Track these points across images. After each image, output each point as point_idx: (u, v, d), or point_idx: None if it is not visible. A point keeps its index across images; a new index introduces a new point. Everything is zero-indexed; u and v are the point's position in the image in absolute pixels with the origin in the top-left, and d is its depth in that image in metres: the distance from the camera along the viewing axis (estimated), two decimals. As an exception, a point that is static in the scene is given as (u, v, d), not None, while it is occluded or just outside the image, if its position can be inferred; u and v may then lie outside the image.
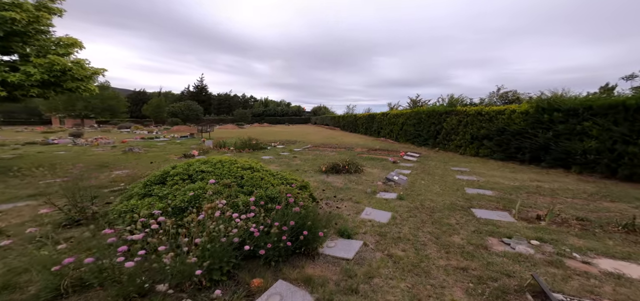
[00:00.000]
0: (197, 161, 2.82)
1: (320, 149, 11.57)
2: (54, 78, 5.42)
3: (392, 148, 12.65)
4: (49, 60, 5.29)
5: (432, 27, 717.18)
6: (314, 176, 5.92)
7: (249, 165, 2.87)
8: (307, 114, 69.32)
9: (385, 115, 18.57)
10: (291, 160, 8.23)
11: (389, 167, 7.62)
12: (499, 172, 7.11)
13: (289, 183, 2.87)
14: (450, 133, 11.40)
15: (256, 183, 2.61)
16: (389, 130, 17.46)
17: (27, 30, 5.02)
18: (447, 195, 4.82)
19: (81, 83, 5.68)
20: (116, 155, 8.34)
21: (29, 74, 5.09)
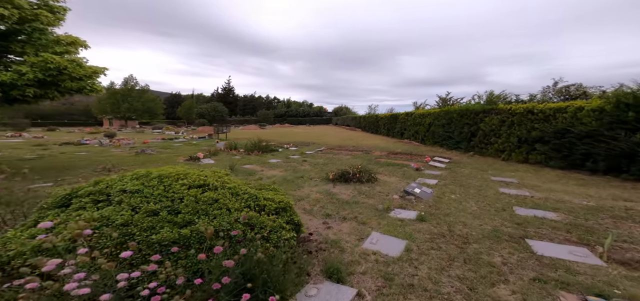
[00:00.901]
0: (130, 175, 2.18)
1: (334, 152, 10.74)
2: (50, 78, 5.38)
3: (416, 151, 11.30)
4: (43, 59, 5.24)
5: (461, 25, 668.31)
6: (318, 185, 5.15)
7: (203, 181, 2.15)
8: (329, 115, 68.77)
9: (409, 115, 17.02)
10: (299, 165, 7.56)
11: (411, 175, 6.51)
12: (560, 185, 5.57)
13: (260, 206, 2.12)
14: (489, 135, 9.73)
15: (202, 208, 1.87)
16: (414, 131, 15.91)
17: (23, 28, 5.05)
18: (487, 217, 3.68)
19: (81, 83, 5.67)
20: (128, 156, 8.54)
21: (21, 73, 5.06)
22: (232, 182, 2.32)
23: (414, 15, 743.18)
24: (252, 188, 2.35)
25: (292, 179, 5.55)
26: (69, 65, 5.55)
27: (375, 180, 5.61)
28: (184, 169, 2.34)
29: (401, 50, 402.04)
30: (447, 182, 5.86)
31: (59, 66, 5.39)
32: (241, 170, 6.43)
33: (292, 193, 4.38)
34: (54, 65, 5.33)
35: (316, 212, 3.60)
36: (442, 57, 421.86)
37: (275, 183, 5.03)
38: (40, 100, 5.79)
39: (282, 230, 1.96)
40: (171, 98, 69.38)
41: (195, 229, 1.68)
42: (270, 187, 2.73)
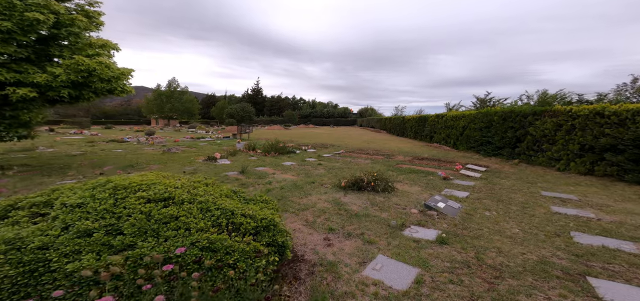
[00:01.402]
0: (79, 185, 1.97)
1: (353, 155, 10.25)
2: (82, 80, 5.79)
3: (446, 157, 10.22)
4: (75, 61, 5.60)
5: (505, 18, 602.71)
6: (328, 193, 4.81)
7: (169, 193, 1.83)
8: (354, 116, 67.73)
9: (440, 118, 15.64)
10: (313, 169, 7.30)
11: (436, 185, 5.78)
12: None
13: (235, 224, 1.78)
14: (540, 141, 8.33)
15: (153, 228, 1.56)
16: (445, 135, 14.56)
17: (60, 33, 5.61)
18: (532, 243, 2.98)
19: (110, 84, 6.13)
20: (156, 154, 9.18)
21: (55, 74, 5.50)
22: (207, 195, 2.00)
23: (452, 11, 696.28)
24: (233, 202, 2.08)
25: (302, 185, 5.29)
26: (97, 67, 5.86)
27: (393, 189, 5.06)
28: (157, 178, 2.12)
29: (435, 49, 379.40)
30: (481, 195, 5.05)
31: (88, 68, 5.72)
32: (253, 172, 6.39)
33: (297, 202, 4.12)
34: (84, 67, 5.66)
35: (319, 225, 3.27)
36: (481, 55, 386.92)
37: (283, 189, 4.85)
38: (77, 102, 6.45)
39: (256, 256, 1.65)
40: (207, 99, 75.08)
41: (133, 255, 1.38)
42: (260, 198, 2.48)
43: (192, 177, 2.41)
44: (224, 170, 6.52)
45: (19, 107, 5.61)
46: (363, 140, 18.53)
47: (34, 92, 5.36)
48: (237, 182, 5.23)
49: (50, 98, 5.86)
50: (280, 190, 4.76)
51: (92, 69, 5.74)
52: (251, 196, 2.52)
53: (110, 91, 6.36)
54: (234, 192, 2.46)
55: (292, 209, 3.73)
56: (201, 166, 7.05)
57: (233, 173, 6.14)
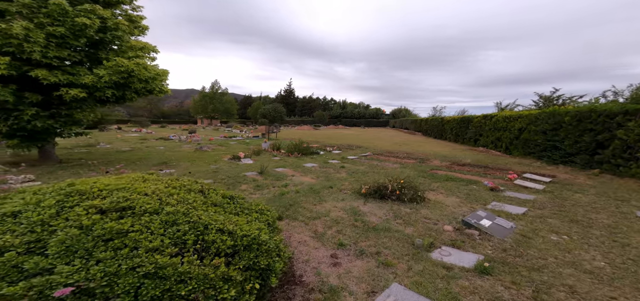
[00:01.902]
0: (47, 188, 1.76)
1: (381, 158, 9.52)
2: (122, 80, 6.27)
3: (495, 164, 8.78)
4: (115, 63, 6.03)
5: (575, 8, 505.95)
6: (346, 200, 4.38)
7: (128, 203, 1.56)
8: (386, 117, 65.01)
9: (488, 118, 13.69)
10: (335, 172, 6.90)
11: (481, 196, 4.85)
12: None
13: (206, 242, 1.45)
14: (633, 148, 6.51)
15: (87, 247, 1.29)
16: (495, 137, 12.66)
17: (105, 37, 6.15)
18: (628, 284, 2.15)
19: (148, 85, 6.60)
20: (189, 152, 9.86)
21: (100, 76, 5.95)
22: (180, 205, 1.67)
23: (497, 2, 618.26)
24: (217, 214, 1.77)
25: (319, 189, 4.96)
26: (135, 68, 6.25)
27: (423, 199, 4.37)
28: (129, 182, 1.87)
29: (481, 45, 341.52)
30: (545, 212, 4.03)
31: (127, 69, 6.12)
32: (272, 173, 6.30)
33: (310, 209, 3.79)
34: (123, 68, 6.06)
35: (329, 238, 2.89)
36: (538, 49, 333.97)
37: (298, 193, 4.58)
38: (122, 102, 7.24)
39: (221, 286, 1.30)
40: (244, 100, 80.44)
41: (38, 284, 1.10)
42: (257, 207, 2.19)
43: (179, 181, 2.17)
44: (244, 170, 6.58)
45: (73, 106, 6.35)
46: (394, 142, 17.36)
47: (83, 92, 5.95)
48: (253, 184, 5.16)
49: (98, 98, 6.56)
50: (294, 194, 4.51)
51: (131, 70, 6.21)
52: (248, 204, 2.25)
53: (149, 91, 6.96)
54: (231, 199, 2.22)
55: (302, 217, 3.42)
56: (224, 165, 7.27)
57: (252, 173, 6.14)
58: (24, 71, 5.57)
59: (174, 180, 2.19)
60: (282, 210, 3.61)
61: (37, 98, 5.91)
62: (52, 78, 5.66)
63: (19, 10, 5.34)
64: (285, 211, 3.61)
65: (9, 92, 5.54)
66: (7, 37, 5.19)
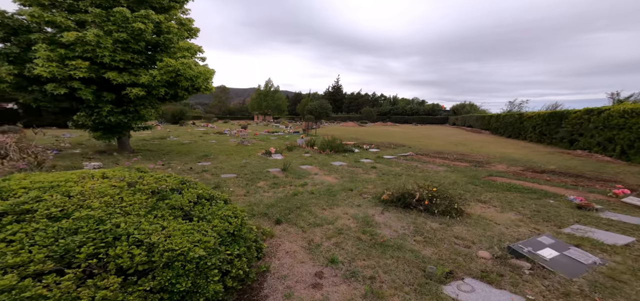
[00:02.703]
0: None
1: (424, 159, 8.31)
2: (171, 79, 6.99)
3: (597, 173, 6.56)
4: (165, 63, 6.61)
5: None
6: (362, 206, 3.89)
7: (26, 204, 1.43)
8: (445, 113, 57.76)
9: (594, 114, 10.39)
10: (364, 172, 6.34)
11: (557, 215, 3.59)
12: None
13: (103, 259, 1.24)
14: None
15: None
16: (605, 138, 9.55)
17: (159, 40, 6.98)
18: None
19: (193, 82, 7.25)
20: (232, 146, 10.66)
21: (153, 75, 6.68)
22: (96, 212, 1.47)
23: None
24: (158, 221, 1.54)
25: (338, 191, 4.59)
26: (180, 67, 6.77)
27: (461, 213, 3.50)
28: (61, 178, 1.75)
29: (588, 26, 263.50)
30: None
31: (175, 68, 6.69)
32: (296, 170, 6.22)
33: (317, 214, 3.49)
34: (171, 68, 6.63)
35: (323, 251, 2.54)
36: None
37: (312, 194, 4.32)
38: (175, 100, 8.38)
39: None
40: (294, 98, 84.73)
41: None
42: (229, 211, 1.94)
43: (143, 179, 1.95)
44: (270, 165, 6.72)
45: (137, 103, 7.39)
46: (448, 141, 15.09)
47: (143, 91, 6.78)
48: (271, 181, 5.17)
49: (156, 96, 7.47)
50: (307, 196, 4.28)
51: (177, 69, 6.84)
52: (227, 207, 2.06)
53: (196, 89, 7.78)
54: (210, 199, 2.06)
55: (303, 223, 3.16)
56: (254, 159, 7.61)
57: (275, 169, 6.21)
58: (100, 74, 6.61)
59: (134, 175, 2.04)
60: (285, 213, 3.44)
61: (112, 97, 7.06)
62: (119, 79, 6.61)
63: (93, 20, 6.42)
64: (287, 214, 3.42)
65: (90, 92, 6.65)
66: (84, 43, 6.12)
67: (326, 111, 48.68)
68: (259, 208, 3.61)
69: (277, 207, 3.64)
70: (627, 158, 8.25)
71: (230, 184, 4.88)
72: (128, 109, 7.45)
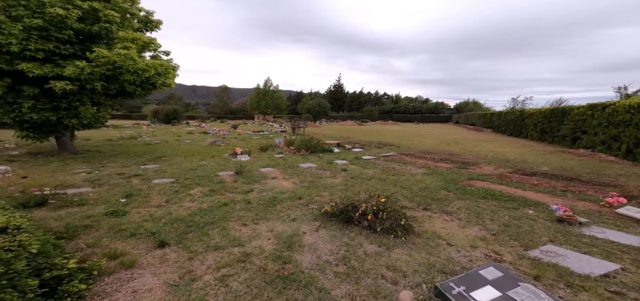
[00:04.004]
0: None
1: (407, 159, 7.70)
2: (109, 72, 6.08)
3: (596, 175, 5.90)
4: (97, 54, 5.86)
5: None
6: (297, 221, 3.34)
7: None
8: (449, 111, 56.66)
9: (598, 109, 9.63)
10: (332, 176, 5.78)
11: (530, 231, 2.99)
12: None
13: None
14: None
15: None
16: (609, 136, 8.84)
17: (92, 30, 6.18)
18: None
19: (140, 76, 6.47)
20: (202, 147, 9.94)
21: (81, 67, 5.79)
22: None
23: None
24: None
25: (284, 199, 4.05)
26: (118, 59, 5.98)
27: (409, 231, 2.92)
28: None
29: (602, 22, 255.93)
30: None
31: (108, 59, 5.90)
32: (252, 174, 5.68)
33: (229, 233, 2.91)
34: (105, 59, 5.84)
35: (191, 292, 1.93)
36: None
37: (249, 203, 3.76)
38: (126, 96, 7.47)
39: None
40: (295, 97, 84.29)
41: None
42: None
43: None
44: (227, 168, 6.14)
45: (72, 99, 6.42)
46: (444, 140, 14.38)
47: (72, 84, 5.91)
48: (211, 186, 4.58)
49: (95, 91, 6.48)
50: (241, 205, 3.76)
51: (113, 61, 6.03)
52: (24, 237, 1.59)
53: (152, 84, 7.14)
54: None
55: (201, 245, 2.59)
56: (214, 161, 7.05)
57: (227, 173, 5.68)
58: (15, 65, 5.72)
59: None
60: (184, 232, 2.88)
61: (34, 91, 6.13)
62: (37, 71, 5.70)
63: (2, 5, 5.57)
64: (186, 233, 2.86)
65: (3, 85, 5.75)
66: None
67: (325, 110, 48.08)
68: (152, 226, 3.03)
69: (181, 223, 3.11)
70: (634, 157, 7.49)
71: (155, 191, 4.35)
72: (59, 106, 6.57)
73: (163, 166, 6.38)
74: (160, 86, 7.41)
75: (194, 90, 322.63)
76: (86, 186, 4.60)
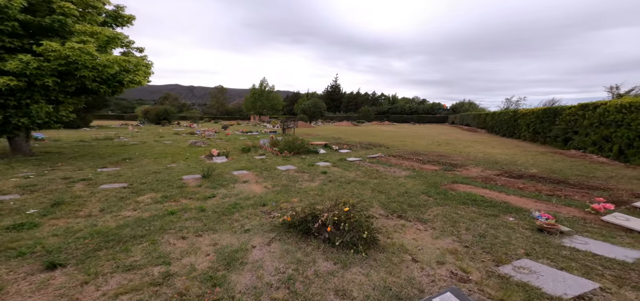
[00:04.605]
0: None
1: (392, 162, 7.41)
2: (62, 67, 5.64)
3: (586, 178, 5.68)
4: (44, 47, 5.41)
5: None
6: (250, 232, 3.02)
7: None
8: (445, 112, 56.85)
9: (589, 109, 9.45)
10: (310, 179, 5.47)
11: (507, 242, 2.70)
12: None
13: None
14: None
15: None
16: (600, 136, 8.67)
17: (42, 22, 5.67)
18: None
19: (100, 72, 5.97)
20: (180, 148, 9.54)
21: (24, 61, 5.33)
22: None
23: None
24: None
25: (246, 206, 3.73)
26: (70, 53, 5.51)
27: (372, 244, 2.63)
28: None
29: (598, 23, 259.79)
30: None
31: (60, 54, 5.45)
32: (222, 177, 5.31)
33: (162, 248, 2.54)
34: (55, 53, 5.38)
35: None
36: None
37: (202, 212, 3.37)
38: (89, 94, 6.92)
39: None
40: (292, 97, 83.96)
41: None
42: None
43: None
44: (197, 171, 5.79)
45: (22, 97, 5.98)
46: (435, 141, 14.15)
47: (16, 81, 5.43)
48: (169, 191, 4.21)
49: (47, 87, 5.98)
50: (193, 213, 3.42)
51: (66, 56, 5.56)
52: None
53: (120, 82, 6.63)
54: None
55: (109, 266, 2.20)
56: (186, 163, 6.69)
57: (194, 176, 5.32)
58: None
59: None
60: (95, 249, 2.47)
61: None
62: None
63: None
64: (94, 252, 2.42)
65: None
66: None
67: (320, 110, 47.75)
68: (57, 242, 2.60)
69: (99, 237, 2.71)
70: (626, 159, 7.28)
71: (96, 199, 3.93)
72: (7, 104, 6.04)
73: (123, 169, 5.96)
74: (128, 84, 6.88)
75: (192, 90, 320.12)
76: (15, 193, 4.12)
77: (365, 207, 3.62)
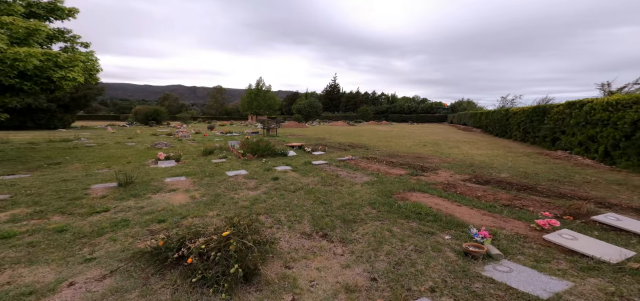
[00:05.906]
0: None
1: (361, 165, 6.81)
2: None
3: (554, 183, 5.10)
4: None
5: None
6: (94, 261, 2.45)
7: None
8: (445, 111, 56.07)
9: (575, 107, 8.77)
10: (254, 187, 4.90)
11: (415, 273, 2.14)
12: None
13: None
14: None
15: None
16: (586, 136, 8.03)
17: None
18: None
19: (18, 68, 5.24)
20: (140, 150, 9.09)
21: None
22: None
23: None
24: None
25: (134, 224, 3.18)
26: None
27: (250, 278, 2.08)
28: None
29: (603, 21, 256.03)
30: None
31: None
32: (149, 185, 4.67)
33: None
34: None
35: None
36: None
37: (61, 233, 2.77)
38: (17, 93, 6.11)
39: None
40: (291, 97, 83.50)
41: None
42: None
43: None
44: (115, 179, 4.91)
45: None
46: (422, 141, 13.52)
47: None
48: (35, 208, 3.68)
49: None
50: (44, 236, 2.75)
51: None
52: None
53: (49, 79, 5.91)
54: None
55: None
56: (119, 168, 6.05)
57: (107, 185, 4.73)
58: None
59: None
60: None
61: None
62: None
63: None
64: None
65: None
66: None
67: (316, 110, 47.23)
68: None
69: None
70: (612, 161, 6.62)
71: None
72: None
73: (31, 176, 5.35)
74: (60, 81, 6.11)
75: (194, 91, 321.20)
76: None
77: (273, 225, 3.06)
